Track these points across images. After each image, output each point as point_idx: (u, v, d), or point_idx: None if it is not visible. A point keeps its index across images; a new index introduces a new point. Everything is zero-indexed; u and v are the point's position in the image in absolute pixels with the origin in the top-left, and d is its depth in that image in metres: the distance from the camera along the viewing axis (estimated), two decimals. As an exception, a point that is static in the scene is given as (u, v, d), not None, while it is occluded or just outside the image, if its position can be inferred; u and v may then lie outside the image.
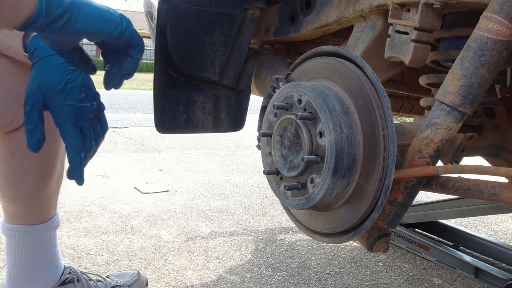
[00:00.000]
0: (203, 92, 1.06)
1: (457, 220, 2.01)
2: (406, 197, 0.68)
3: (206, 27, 1.00)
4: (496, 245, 1.57)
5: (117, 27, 0.64)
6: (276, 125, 0.73)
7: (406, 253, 1.67)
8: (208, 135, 4.30)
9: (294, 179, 0.70)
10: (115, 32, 0.64)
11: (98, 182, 2.43)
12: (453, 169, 0.61)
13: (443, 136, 0.66)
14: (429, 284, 1.43)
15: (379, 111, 0.63)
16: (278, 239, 1.74)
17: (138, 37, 0.69)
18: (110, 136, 4.05)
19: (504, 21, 0.61)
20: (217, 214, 2.00)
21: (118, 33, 0.65)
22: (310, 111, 0.66)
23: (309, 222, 0.78)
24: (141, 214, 1.93)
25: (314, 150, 0.66)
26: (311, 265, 1.51)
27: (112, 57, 0.72)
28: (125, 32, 0.66)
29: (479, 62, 0.63)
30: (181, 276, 1.38)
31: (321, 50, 0.74)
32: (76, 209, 1.95)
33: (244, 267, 1.47)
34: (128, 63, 0.71)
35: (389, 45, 0.76)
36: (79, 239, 1.61)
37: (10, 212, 1.01)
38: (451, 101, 0.65)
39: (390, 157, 0.60)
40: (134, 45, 0.69)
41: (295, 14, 1.04)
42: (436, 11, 0.70)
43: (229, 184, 2.56)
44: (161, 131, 1.04)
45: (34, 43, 0.78)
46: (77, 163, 0.76)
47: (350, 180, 0.65)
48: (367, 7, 0.84)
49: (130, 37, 0.67)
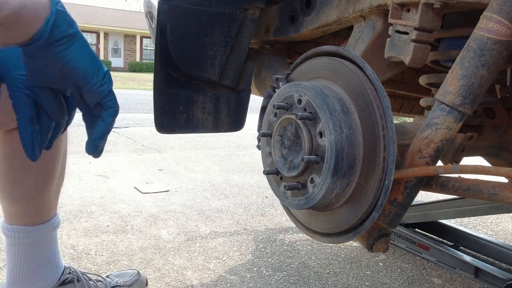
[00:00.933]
0: (203, 92, 1.06)
1: (457, 220, 2.01)
2: (406, 197, 0.68)
3: (206, 27, 1.00)
4: (496, 245, 1.57)
5: (99, 74, 0.63)
6: (276, 125, 0.73)
7: (406, 253, 1.67)
8: (208, 135, 4.30)
9: (294, 179, 0.70)
10: (95, 78, 0.63)
11: (98, 182, 2.43)
12: (453, 169, 0.61)
13: (443, 136, 0.66)
14: (429, 284, 1.43)
15: (379, 111, 0.63)
16: (278, 239, 1.74)
17: (114, 99, 0.67)
18: (110, 136, 4.03)
19: (504, 21, 0.61)
20: (217, 214, 2.00)
21: (98, 81, 0.63)
22: (310, 111, 0.66)
23: (309, 222, 0.78)
24: (141, 214, 1.93)
25: (314, 150, 0.66)
26: (311, 265, 1.51)
27: (87, 119, 0.70)
28: (103, 85, 0.64)
29: (479, 62, 0.63)
30: (181, 276, 1.38)
31: (321, 50, 0.74)
32: (76, 209, 1.95)
33: (244, 267, 1.47)
34: (98, 126, 0.68)
35: (389, 45, 0.76)
36: (79, 239, 1.61)
37: (10, 212, 1.01)
38: (451, 101, 0.65)
39: (390, 157, 0.60)
40: (107, 105, 0.66)
41: (295, 14, 1.04)
42: (436, 11, 0.70)
43: (229, 184, 2.56)
44: (161, 131, 1.04)
45: None
46: (28, 136, 0.70)
47: (350, 180, 0.65)
48: (367, 7, 0.84)
49: (106, 94, 0.65)
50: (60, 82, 0.64)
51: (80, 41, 0.61)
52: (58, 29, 0.57)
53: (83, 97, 0.66)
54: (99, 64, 0.64)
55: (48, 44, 0.57)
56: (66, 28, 0.58)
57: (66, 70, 0.61)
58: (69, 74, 0.62)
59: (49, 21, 0.56)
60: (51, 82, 0.64)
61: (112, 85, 0.66)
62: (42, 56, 0.59)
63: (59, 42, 0.58)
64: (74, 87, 0.64)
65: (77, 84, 0.64)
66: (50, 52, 0.58)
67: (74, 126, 4.49)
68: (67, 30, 0.58)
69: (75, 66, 0.61)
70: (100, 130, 0.68)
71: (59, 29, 0.57)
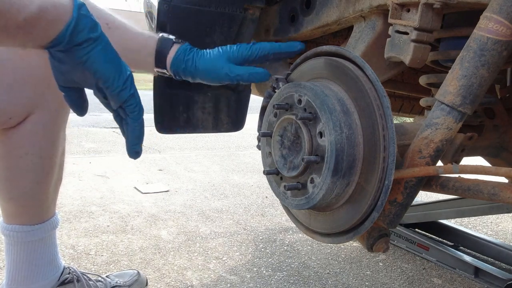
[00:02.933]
0: (203, 92, 1.06)
1: (457, 220, 2.01)
2: (406, 197, 0.68)
3: (206, 27, 1.00)
4: (496, 245, 1.57)
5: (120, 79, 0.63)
6: (276, 125, 0.73)
7: (406, 253, 1.67)
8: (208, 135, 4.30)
9: (294, 179, 0.70)
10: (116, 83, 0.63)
11: (98, 182, 2.43)
12: (453, 169, 0.61)
13: (443, 136, 0.66)
14: (429, 284, 1.43)
15: (379, 111, 0.63)
16: (278, 239, 1.74)
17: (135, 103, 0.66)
18: (110, 136, 4.05)
19: (504, 21, 0.61)
20: (217, 214, 2.00)
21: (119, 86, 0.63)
22: (310, 111, 0.66)
23: (309, 222, 0.78)
24: (141, 214, 1.93)
25: (314, 150, 0.66)
26: (311, 265, 1.51)
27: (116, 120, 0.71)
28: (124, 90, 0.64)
29: (479, 62, 0.63)
30: (181, 276, 1.38)
31: (321, 50, 0.74)
32: (76, 209, 1.95)
33: (244, 267, 1.47)
34: (129, 132, 0.69)
35: (389, 45, 0.76)
36: (79, 239, 1.61)
37: (9, 212, 1.01)
38: (451, 101, 0.65)
39: (390, 157, 0.60)
40: (129, 110, 0.66)
41: (295, 14, 1.04)
42: (436, 11, 0.70)
43: (229, 184, 2.56)
44: (161, 131, 1.04)
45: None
46: None
47: (350, 180, 0.65)
48: (367, 7, 0.84)
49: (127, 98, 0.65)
50: (84, 84, 0.64)
51: (102, 45, 0.61)
52: (79, 33, 0.57)
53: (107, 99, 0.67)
54: (121, 68, 0.64)
55: (69, 48, 0.57)
56: (87, 33, 0.58)
57: (87, 73, 0.61)
58: (91, 77, 0.62)
59: (69, 26, 0.56)
60: (76, 83, 0.64)
61: (134, 89, 0.66)
62: (64, 60, 0.59)
63: (80, 46, 0.58)
64: (97, 90, 0.65)
65: (99, 87, 0.64)
66: (71, 55, 0.58)
67: (74, 127, 4.50)
68: (88, 34, 0.58)
69: (96, 70, 0.61)
70: (133, 135, 0.69)
71: (80, 34, 0.57)
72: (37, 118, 0.92)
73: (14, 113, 0.89)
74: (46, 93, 0.91)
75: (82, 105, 0.69)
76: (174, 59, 0.82)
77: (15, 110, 0.89)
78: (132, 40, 0.82)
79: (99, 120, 5.15)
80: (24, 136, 0.92)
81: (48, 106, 0.93)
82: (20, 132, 0.92)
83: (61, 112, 0.97)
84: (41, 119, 0.93)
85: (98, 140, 3.84)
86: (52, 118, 0.95)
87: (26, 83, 0.88)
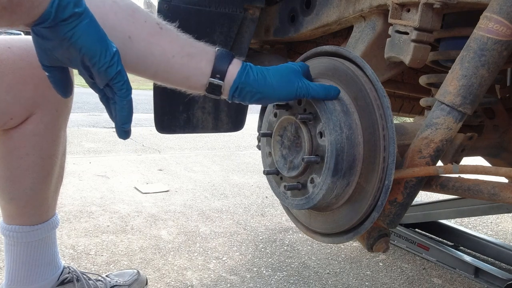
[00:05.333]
0: (203, 92, 1.06)
1: (457, 220, 2.01)
2: (406, 197, 0.68)
3: (206, 27, 1.00)
4: (496, 245, 1.57)
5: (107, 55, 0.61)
6: (276, 125, 0.73)
7: (406, 253, 1.67)
8: (208, 135, 4.30)
9: (294, 179, 0.70)
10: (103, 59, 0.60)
11: (98, 182, 2.43)
12: (453, 169, 0.61)
13: (443, 136, 0.66)
14: (429, 284, 1.43)
15: (379, 111, 0.63)
16: (278, 239, 1.74)
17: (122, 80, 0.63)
18: (110, 136, 4.05)
19: (504, 21, 0.61)
20: (217, 214, 2.00)
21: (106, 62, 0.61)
22: (310, 111, 0.66)
23: (309, 222, 0.78)
24: (141, 214, 1.93)
25: (314, 150, 0.66)
26: (311, 265, 1.51)
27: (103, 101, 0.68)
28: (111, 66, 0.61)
29: (479, 62, 0.63)
30: (181, 276, 1.38)
31: (321, 50, 0.74)
32: (76, 209, 1.95)
33: (244, 267, 1.47)
34: (117, 112, 0.66)
35: (389, 45, 0.76)
36: (79, 239, 1.61)
37: (9, 212, 1.01)
38: (451, 101, 0.65)
39: (390, 157, 0.60)
40: (116, 88, 0.63)
41: (295, 14, 1.04)
42: (436, 11, 0.70)
43: (229, 184, 2.56)
44: (161, 131, 1.04)
45: None
46: None
47: (350, 180, 0.65)
48: (367, 7, 0.84)
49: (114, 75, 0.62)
50: (69, 63, 0.62)
51: (87, 20, 0.59)
52: (64, 9, 0.55)
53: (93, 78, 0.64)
54: (107, 44, 0.61)
55: (55, 25, 0.56)
56: (72, 7, 0.56)
57: (73, 50, 0.59)
58: (76, 54, 0.60)
59: (54, 2, 0.55)
60: (60, 62, 0.62)
61: (121, 66, 0.63)
62: (49, 36, 0.58)
63: (65, 22, 0.56)
64: (83, 69, 0.62)
65: (85, 65, 0.62)
66: (56, 32, 0.57)
67: (74, 126, 4.50)
68: (73, 9, 0.56)
69: (82, 46, 0.59)
70: (121, 114, 0.66)
71: (65, 9, 0.56)
72: (38, 119, 0.92)
73: (15, 113, 0.89)
74: (47, 94, 0.91)
75: (67, 85, 0.67)
76: (241, 71, 0.69)
77: (16, 111, 0.89)
78: (188, 43, 0.73)
79: (99, 120, 5.15)
80: (25, 136, 0.92)
81: (49, 107, 0.93)
82: (21, 132, 0.92)
83: (61, 112, 0.97)
84: (42, 120, 0.93)
85: (98, 140, 3.84)
86: (53, 118, 0.95)
87: (27, 84, 0.88)
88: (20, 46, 0.88)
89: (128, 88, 0.65)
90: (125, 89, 0.64)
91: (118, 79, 0.63)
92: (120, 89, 0.64)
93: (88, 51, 0.60)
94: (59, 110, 0.96)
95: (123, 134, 0.70)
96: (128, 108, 0.66)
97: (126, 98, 0.65)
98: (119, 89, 0.64)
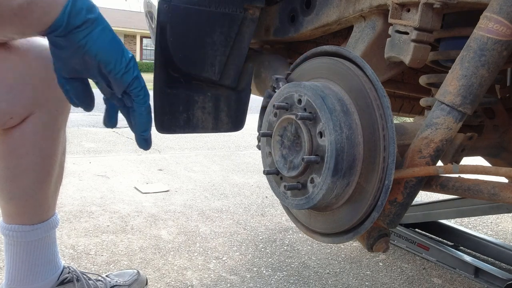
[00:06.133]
0: (203, 92, 1.06)
1: (457, 220, 2.01)
2: (406, 197, 0.68)
3: (206, 27, 1.00)
4: (496, 245, 1.57)
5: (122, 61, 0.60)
6: (276, 125, 0.73)
7: (406, 253, 1.67)
8: (208, 135, 4.30)
9: (294, 179, 0.70)
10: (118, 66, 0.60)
11: (98, 182, 2.43)
12: (453, 169, 0.61)
13: (443, 136, 0.66)
14: (429, 284, 1.43)
15: (379, 111, 0.63)
16: (278, 239, 1.74)
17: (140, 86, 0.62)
18: (110, 136, 4.05)
19: (504, 21, 0.61)
20: (217, 214, 2.00)
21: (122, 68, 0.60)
22: (310, 111, 0.66)
23: (309, 222, 0.78)
24: (141, 214, 1.93)
25: (314, 150, 0.66)
26: (311, 265, 1.51)
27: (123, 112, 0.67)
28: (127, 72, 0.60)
29: (479, 62, 0.63)
30: (181, 276, 1.38)
31: (321, 50, 0.74)
32: (76, 209, 1.95)
33: (244, 267, 1.47)
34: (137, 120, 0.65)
35: (389, 45, 0.76)
36: (79, 239, 1.61)
37: (8, 212, 1.01)
38: (451, 101, 0.65)
39: (390, 157, 0.60)
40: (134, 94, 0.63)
41: (295, 14, 1.04)
42: (436, 11, 0.70)
43: (229, 184, 2.56)
44: (161, 131, 1.04)
45: None
46: None
47: (350, 180, 0.65)
48: (367, 7, 0.84)
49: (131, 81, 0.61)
50: (86, 72, 0.61)
51: (101, 26, 0.58)
52: (76, 15, 0.55)
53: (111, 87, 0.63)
54: (123, 50, 0.61)
55: (68, 32, 0.56)
56: (85, 14, 0.56)
57: (88, 57, 0.59)
58: (92, 62, 0.59)
59: (66, 9, 0.54)
60: (79, 72, 0.62)
61: (138, 72, 0.62)
62: (64, 45, 0.57)
63: (79, 29, 0.56)
64: (100, 77, 0.62)
65: (101, 73, 0.61)
66: (71, 39, 0.56)
67: (74, 126, 4.50)
68: (86, 16, 0.56)
69: (97, 53, 0.58)
70: (140, 121, 0.65)
71: (77, 16, 0.55)
72: (37, 118, 0.92)
73: (15, 113, 0.89)
74: (47, 93, 0.91)
75: (89, 98, 0.66)
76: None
77: (15, 110, 0.89)
78: None
79: (99, 120, 5.15)
80: (25, 136, 0.92)
81: (49, 106, 0.93)
82: (20, 132, 0.92)
83: (61, 112, 0.97)
84: (42, 119, 0.93)
85: (98, 140, 3.84)
86: (52, 118, 0.95)
87: (27, 83, 0.88)
88: (20, 46, 0.88)
89: (146, 94, 0.65)
90: (142, 95, 0.64)
91: (135, 85, 0.63)
92: (138, 95, 0.64)
93: (103, 57, 0.59)
94: (59, 110, 0.96)
95: (143, 143, 0.69)
96: (146, 114, 0.66)
97: (144, 105, 0.65)
98: (136, 95, 0.64)
